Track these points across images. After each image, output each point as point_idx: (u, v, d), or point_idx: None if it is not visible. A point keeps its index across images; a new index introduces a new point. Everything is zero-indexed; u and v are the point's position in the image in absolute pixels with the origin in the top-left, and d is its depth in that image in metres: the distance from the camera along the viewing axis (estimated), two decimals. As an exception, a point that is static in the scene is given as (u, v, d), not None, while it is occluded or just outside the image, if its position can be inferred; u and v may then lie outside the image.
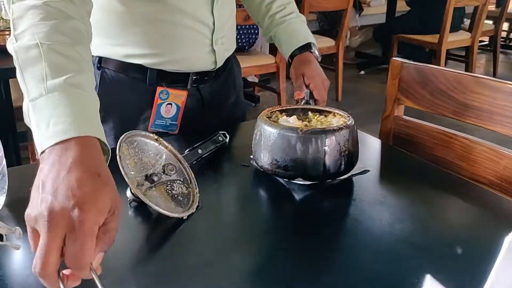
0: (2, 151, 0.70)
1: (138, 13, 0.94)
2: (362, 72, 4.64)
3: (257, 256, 0.68)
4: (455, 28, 3.85)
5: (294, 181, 0.84)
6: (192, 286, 0.59)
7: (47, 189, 0.50)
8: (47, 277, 0.48)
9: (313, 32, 1.14)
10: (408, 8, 4.32)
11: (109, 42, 0.98)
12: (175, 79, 1.00)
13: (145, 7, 0.93)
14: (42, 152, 0.56)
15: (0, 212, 0.72)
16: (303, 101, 1.00)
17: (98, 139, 0.58)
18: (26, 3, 0.66)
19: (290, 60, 1.10)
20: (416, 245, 0.68)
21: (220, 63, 1.05)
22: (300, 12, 1.16)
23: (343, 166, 0.82)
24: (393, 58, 1.12)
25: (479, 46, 4.32)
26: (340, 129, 0.81)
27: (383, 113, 1.15)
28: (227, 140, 0.96)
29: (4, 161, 0.71)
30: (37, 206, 0.49)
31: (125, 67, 0.98)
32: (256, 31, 3.18)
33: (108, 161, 0.61)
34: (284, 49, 1.12)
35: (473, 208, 0.83)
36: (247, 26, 3.11)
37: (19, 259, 0.64)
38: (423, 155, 1.05)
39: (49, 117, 0.58)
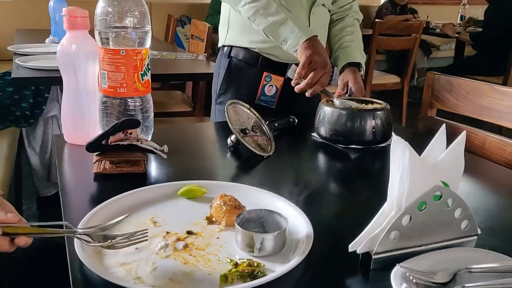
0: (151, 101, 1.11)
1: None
2: (428, 111, 4.85)
3: (316, 189, 1.02)
4: (521, 71, 4.02)
5: (348, 146, 1.18)
6: (280, 191, 0.93)
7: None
8: None
9: (382, 71, 1.49)
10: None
11: (238, 31, 1.43)
12: (277, 68, 1.42)
13: None
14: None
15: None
16: (347, 95, 1.35)
17: None
18: None
19: (342, 70, 1.46)
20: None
21: None
22: (368, 50, 1.52)
23: (383, 136, 1.17)
24: (429, 72, 1.45)
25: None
26: (382, 109, 1.17)
27: (419, 115, 1.47)
28: (296, 121, 1.33)
29: (151, 109, 1.11)
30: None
31: (246, 56, 1.43)
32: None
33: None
34: (340, 63, 1.48)
35: (486, 180, 1.13)
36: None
37: (163, 162, 1.04)
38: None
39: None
